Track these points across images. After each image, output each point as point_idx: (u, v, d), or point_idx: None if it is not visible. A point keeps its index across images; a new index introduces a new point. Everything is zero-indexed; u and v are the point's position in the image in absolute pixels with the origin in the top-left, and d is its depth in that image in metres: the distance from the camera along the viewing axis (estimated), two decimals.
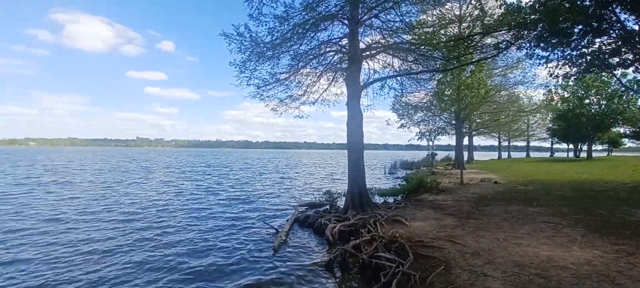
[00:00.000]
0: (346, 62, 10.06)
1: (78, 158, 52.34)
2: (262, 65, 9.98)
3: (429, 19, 10.95)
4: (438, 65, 10.65)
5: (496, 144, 54.72)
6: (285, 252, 7.31)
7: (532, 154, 64.11)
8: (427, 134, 26.63)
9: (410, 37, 9.82)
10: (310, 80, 11.24)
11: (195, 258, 6.86)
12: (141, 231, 8.81)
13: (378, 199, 12.31)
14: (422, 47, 9.41)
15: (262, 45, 9.35)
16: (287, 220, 9.49)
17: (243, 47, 9.50)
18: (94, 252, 7.10)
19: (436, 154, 32.31)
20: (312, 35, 9.56)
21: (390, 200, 12.33)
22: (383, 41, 10.29)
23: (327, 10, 9.05)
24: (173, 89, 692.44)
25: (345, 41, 10.15)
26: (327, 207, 11.20)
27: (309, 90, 11.46)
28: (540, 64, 10.24)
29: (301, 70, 10.55)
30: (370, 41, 10.68)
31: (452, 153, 41.48)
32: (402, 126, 25.09)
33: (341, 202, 12.07)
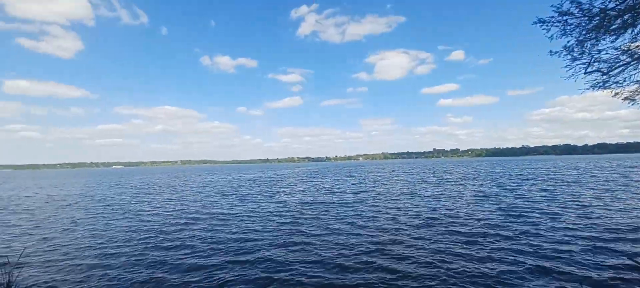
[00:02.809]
0: None
1: (390, 169, 66.45)
2: (604, 41, 7.77)
3: None
4: None
5: None
6: None
7: None
8: None
9: None
10: None
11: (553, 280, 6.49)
12: (484, 242, 9.46)
13: None
14: None
15: (602, 14, 7.34)
16: None
17: (568, 27, 8.01)
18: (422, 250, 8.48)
19: None
20: None
21: None
22: None
23: None
24: (466, 98, 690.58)
25: None
26: None
27: None
28: None
29: None
30: None
31: None
32: None
33: None
